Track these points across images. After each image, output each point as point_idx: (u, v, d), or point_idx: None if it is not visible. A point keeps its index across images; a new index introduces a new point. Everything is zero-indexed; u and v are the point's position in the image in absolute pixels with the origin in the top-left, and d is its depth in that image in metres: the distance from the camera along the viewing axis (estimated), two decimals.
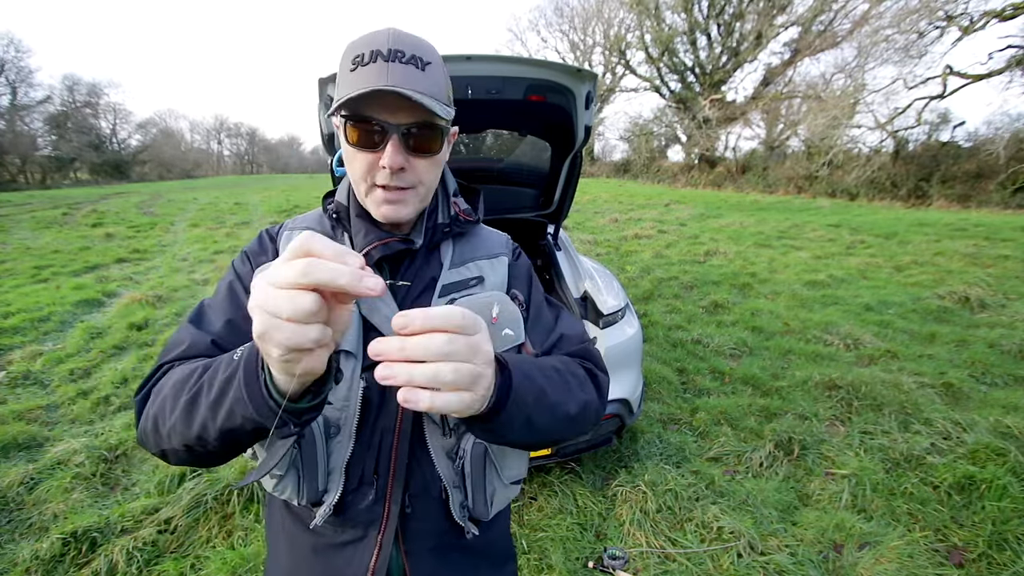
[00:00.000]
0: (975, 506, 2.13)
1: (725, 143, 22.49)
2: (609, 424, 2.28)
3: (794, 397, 3.14)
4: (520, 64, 2.01)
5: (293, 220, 0.79)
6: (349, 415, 0.68)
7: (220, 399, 0.52)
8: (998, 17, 12.11)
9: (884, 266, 6.35)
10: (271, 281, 0.40)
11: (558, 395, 0.65)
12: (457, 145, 3.02)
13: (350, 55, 0.63)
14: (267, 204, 15.44)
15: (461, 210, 0.80)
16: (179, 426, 0.56)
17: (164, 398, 0.59)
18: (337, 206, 0.76)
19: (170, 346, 0.68)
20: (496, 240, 0.84)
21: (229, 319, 0.69)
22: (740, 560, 1.94)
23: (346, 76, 0.63)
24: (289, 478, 0.69)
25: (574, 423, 0.68)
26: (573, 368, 0.72)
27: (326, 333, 0.42)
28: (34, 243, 8.89)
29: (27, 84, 32.83)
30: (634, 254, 7.42)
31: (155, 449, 0.61)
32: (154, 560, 2.00)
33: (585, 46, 28.04)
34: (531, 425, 0.61)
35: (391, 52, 0.61)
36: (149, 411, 0.61)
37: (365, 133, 0.64)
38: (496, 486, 0.76)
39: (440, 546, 0.75)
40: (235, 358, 0.53)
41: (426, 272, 0.75)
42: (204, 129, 64.10)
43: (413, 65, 0.61)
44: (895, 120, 14.68)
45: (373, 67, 0.60)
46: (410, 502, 0.72)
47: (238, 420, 0.51)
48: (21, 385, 3.51)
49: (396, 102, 0.62)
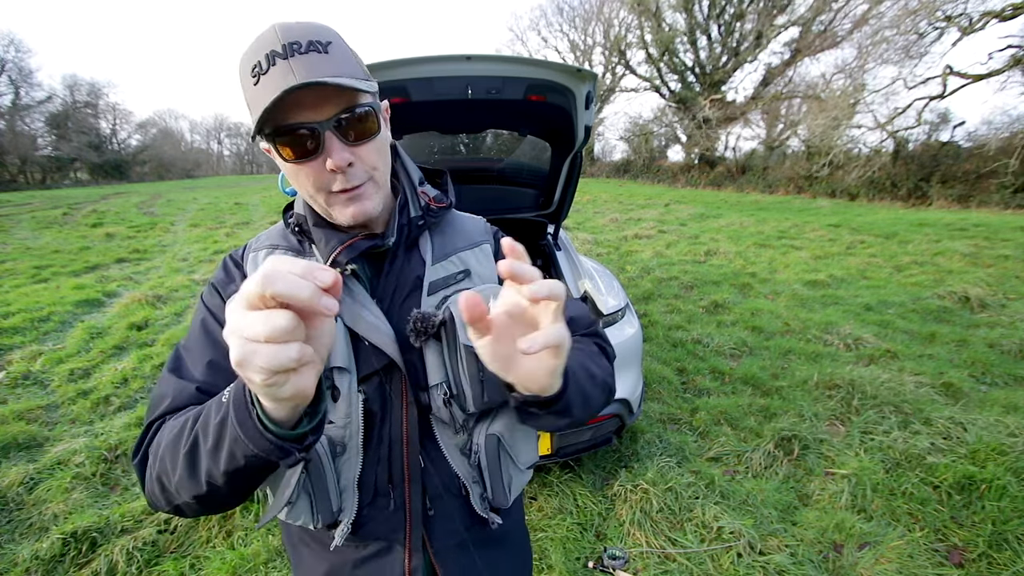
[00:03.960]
0: (975, 506, 2.13)
1: (725, 143, 22.49)
2: (609, 424, 2.28)
3: (794, 397, 3.14)
4: (520, 64, 2.01)
5: (256, 239, 0.75)
6: (352, 431, 0.67)
7: (218, 444, 0.51)
8: (998, 17, 12.10)
9: (884, 266, 6.35)
10: (240, 304, 0.39)
11: (595, 368, 0.68)
12: (457, 145, 3.02)
13: (247, 68, 0.57)
14: (267, 204, 15.45)
15: (431, 198, 0.76)
16: (185, 481, 0.55)
17: (163, 457, 0.57)
18: (298, 218, 0.72)
19: (155, 402, 0.65)
20: (473, 226, 0.81)
21: (209, 360, 0.66)
22: (740, 560, 1.94)
23: (251, 93, 0.57)
24: (301, 504, 0.67)
25: (607, 394, 0.70)
26: (589, 345, 0.75)
27: (306, 351, 0.40)
28: (34, 243, 8.89)
29: (28, 84, 32.85)
30: (634, 254, 7.42)
31: (168, 507, 0.60)
32: (154, 560, 2.00)
33: (585, 46, 28.06)
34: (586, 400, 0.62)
35: (286, 47, 0.55)
36: (151, 473, 0.59)
37: (297, 142, 0.58)
38: (512, 473, 0.77)
39: (465, 542, 0.75)
40: (223, 400, 0.52)
41: (409, 272, 0.72)
42: (204, 129, 64.24)
43: (315, 51, 0.56)
44: (895, 120, 14.67)
45: (274, 71, 0.55)
46: (431, 504, 0.72)
47: (240, 461, 0.50)
48: (21, 385, 3.51)
49: (314, 96, 0.56)
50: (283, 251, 0.71)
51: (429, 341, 0.67)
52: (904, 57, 13.54)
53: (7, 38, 37.17)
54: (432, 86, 1.94)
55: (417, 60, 1.88)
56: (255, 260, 0.71)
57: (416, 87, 1.92)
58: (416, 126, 2.43)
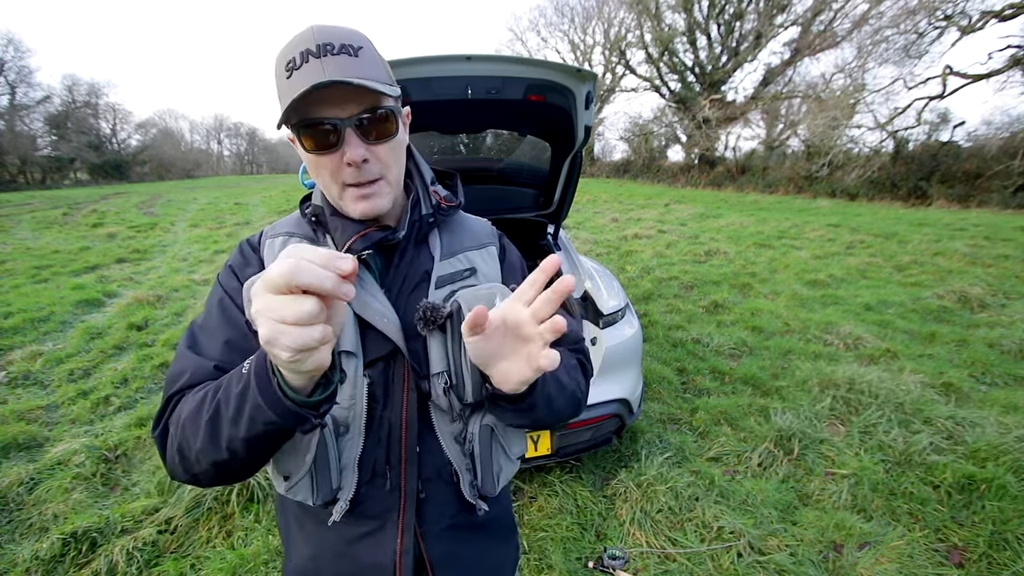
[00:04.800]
0: (975, 506, 2.13)
1: (725, 143, 22.49)
2: (609, 424, 2.28)
3: (794, 397, 3.14)
4: (520, 64, 2.01)
5: (272, 227, 0.79)
6: (357, 412, 0.70)
7: (239, 411, 0.55)
8: (997, 17, 12.11)
9: (884, 266, 6.35)
10: (268, 288, 0.44)
11: (566, 378, 0.74)
12: (457, 145, 3.02)
13: (282, 63, 0.62)
14: (267, 204, 15.45)
15: (442, 197, 0.80)
16: (207, 448, 0.58)
17: (184, 427, 0.61)
18: (315, 209, 0.76)
19: (174, 376, 0.68)
20: (481, 229, 0.85)
21: (227, 339, 0.69)
22: (740, 560, 1.94)
23: (283, 85, 0.62)
24: (303, 481, 0.70)
25: (576, 406, 0.77)
26: (570, 359, 0.81)
27: (327, 331, 0.46)
28: (34, 243, 8.89)
29: (27, 84, 32.86)
30: (634, 254, 7.41)
31: (186, 476, 0.64)
32: (154, 560, 2.00)
33: (585, 46, 28.07)
34: (550, 406, 0.69)
35: (320, 47, 0.60)
36: (172, 443, 0.63)
37: (320, 135, 0.63)
38: (503, 464, 0.81)
39: (453, 526, 0.78)
40: (243, 371, 0.56)
41: (418, 265, 0.76)
42: (204, 129, 64.16)
43: (345, 54, 0.61)
44: (895, 120, 14.70)
45: (307, 67, 0.60)
46: (423, 487, 0.75)
47: (260, 427, 0.54)
48: (21, 385, 3.51)
49: (341, 94, 0.61)
50: (298, 239, 0.75)
51: (434, 331, 0.70)
52: (904, 57, 13.56)
53: (6, 38, 37.13)
54: (432, 86, 1.94)
55: (417, 60, 1.89)
56: (271, 247, 0.75)
57: (416, 87, 1.92)
58: (416, 126, 2.42)
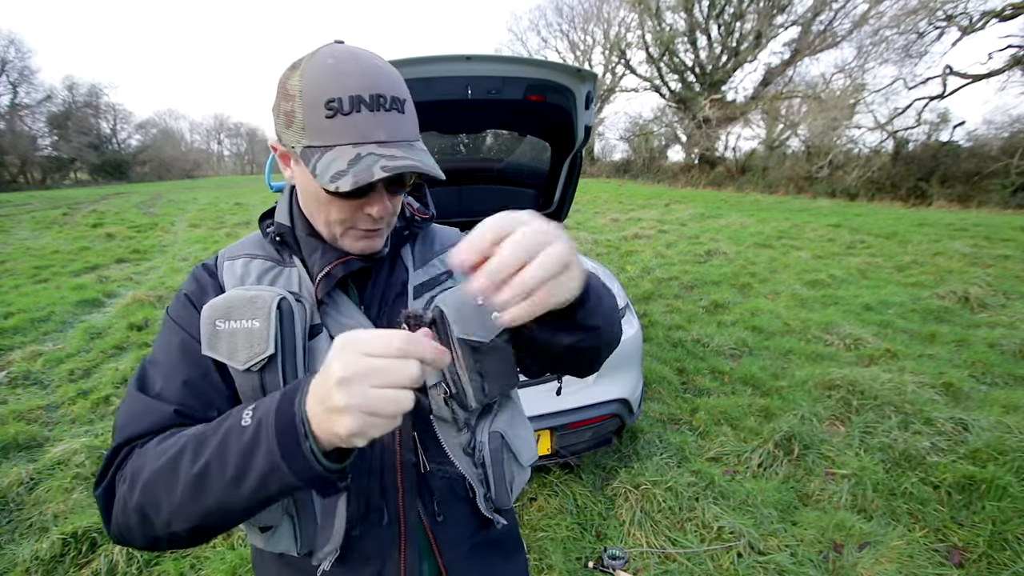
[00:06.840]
0: (975, 506, 2.13)
1: (725, 143, 22.49)
2: (609, 424, 2.28)
3: (794, 397, 3.14)
4: (520, 64, 2.01)
5: (229, 249, 0.72)
6: None
7: (243, 472, 0.48)
8: (998, 17, 12.11)
9: (884, 266, 6.35)
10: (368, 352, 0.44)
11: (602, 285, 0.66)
12: (457, 145, 3.02)
13: (319, 95, 0.55)
14: (267, 204, 15.39)
15: (416, 209, 0.78)
16: (186, 509, 0.50)
17: (150, 485, 0.52)
18: (279, 227, 0.69)
19: (123, 423, 0.59)
20: (450, 235, 0.83)
21: (185, 380, 0.61)
22: (740, 560, 1.94)
23: (317, 120, 0.56)
24: (283, 529, 0.64)
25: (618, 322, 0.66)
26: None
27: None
28: (34, 243, 8.89)
29: (28, 84, 32.90)
30: (634, 254, 7.41)
31: (143, 541, 0.54)
32: (154, 560, 2.00)
33: (585, 46, 28.05)
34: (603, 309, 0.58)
35: (373, 99, 0.55)
36: (128, 503, 0.53)
37: None
38: (515, 471, 0.77)
39: (474, 546, 0.74)
40: (244, 424, 0.49)
41: (395, 279, 0.73)
42: (204, 129, 64.29)
43: (396, 110, 0.58)
44: (895, 120, 14.69)
45: (359, 118, 0.55)
46: (439, 510, 0.70)
47: (273, 490, 0.49)
48: (21, 385, 3.51)
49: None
50: (261, 261, 0.69)
51: None
52: (904, 57, 13.56)
53: (7, 38, 37.13)
54: (432, 86, 1.94)
55: (417, 60, 1.89)
56: (231, 269, 0.68)
57: (416, 87, 1.91)
58: None
